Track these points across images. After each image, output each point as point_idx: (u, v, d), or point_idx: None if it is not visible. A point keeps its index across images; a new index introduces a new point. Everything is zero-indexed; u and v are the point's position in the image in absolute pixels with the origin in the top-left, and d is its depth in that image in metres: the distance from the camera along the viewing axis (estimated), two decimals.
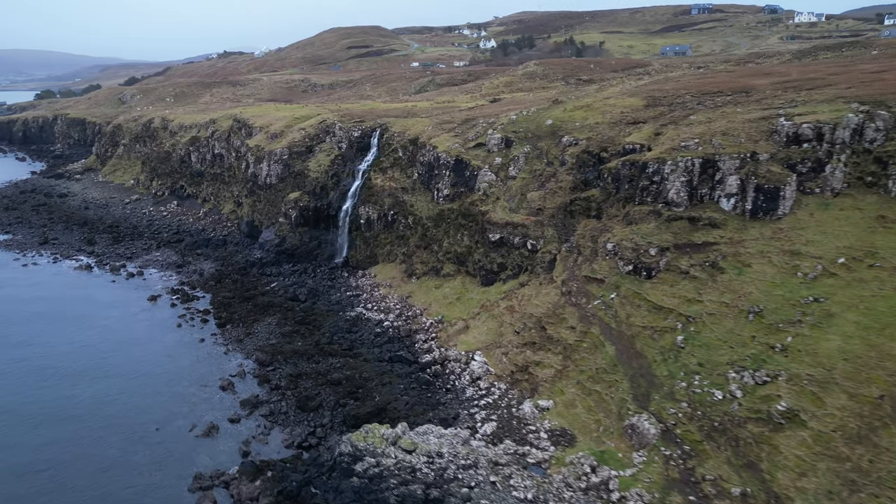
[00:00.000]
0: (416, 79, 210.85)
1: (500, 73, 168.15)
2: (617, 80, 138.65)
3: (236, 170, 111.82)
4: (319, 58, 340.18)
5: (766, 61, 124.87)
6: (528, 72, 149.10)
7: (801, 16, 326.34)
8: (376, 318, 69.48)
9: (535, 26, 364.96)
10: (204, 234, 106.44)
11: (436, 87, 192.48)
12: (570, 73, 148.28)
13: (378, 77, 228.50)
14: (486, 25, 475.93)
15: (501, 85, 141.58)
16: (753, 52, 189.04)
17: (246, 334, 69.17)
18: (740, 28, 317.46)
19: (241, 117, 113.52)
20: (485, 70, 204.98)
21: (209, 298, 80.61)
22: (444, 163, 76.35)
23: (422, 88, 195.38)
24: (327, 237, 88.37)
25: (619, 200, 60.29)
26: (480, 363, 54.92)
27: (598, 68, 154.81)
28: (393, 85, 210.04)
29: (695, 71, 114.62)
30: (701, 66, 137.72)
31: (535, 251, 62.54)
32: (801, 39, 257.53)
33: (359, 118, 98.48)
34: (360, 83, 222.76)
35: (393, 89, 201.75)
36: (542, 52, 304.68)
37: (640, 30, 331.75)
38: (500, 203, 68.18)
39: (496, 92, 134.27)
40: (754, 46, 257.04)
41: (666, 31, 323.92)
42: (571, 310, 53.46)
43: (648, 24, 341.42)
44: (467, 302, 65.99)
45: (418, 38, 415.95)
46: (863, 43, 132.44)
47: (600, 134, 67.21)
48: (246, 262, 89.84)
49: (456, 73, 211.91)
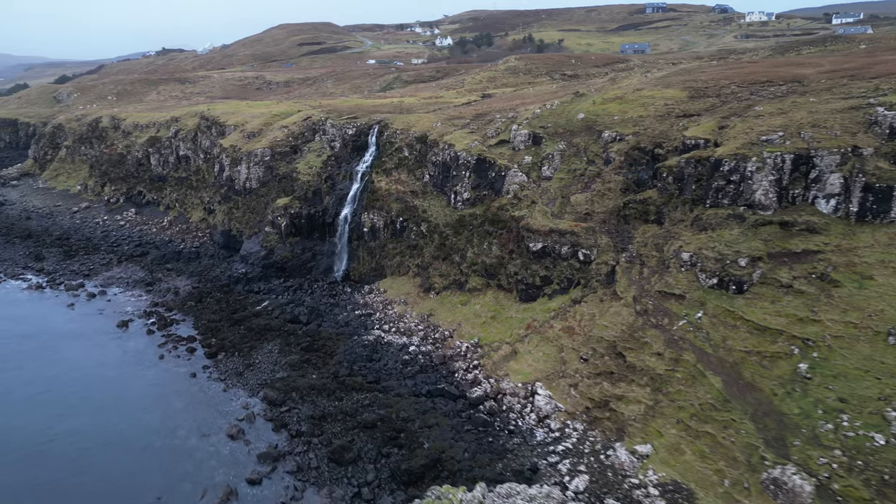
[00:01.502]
0: (380, 75, 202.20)
1: (478, 69, 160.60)
2: (602, 74, 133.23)
3: (206, 173, 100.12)
4: (270, 55, 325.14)
5: (741, 57, 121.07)
6: (510, 66, 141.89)
7: (751, 15, 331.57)
8: (399, 342, 60.26)
9: (491, 24, 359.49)
10: (172, 245, 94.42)
11: (402, 83, 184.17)
12: (553, 68, 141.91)
13: (339, 74, 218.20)
14: (438, 24, 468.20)
15: (485, 80, 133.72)
16: (725, 49, 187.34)
17: (245, 366, 58.88)
18: (695, 27, 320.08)
19: (210, 115, 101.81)
20: (454, 67, 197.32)
21: (191, 322, 69.65)
22: (464, 162, 67.70)
23: (388, 86, 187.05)
24: (323, 248, 78.38)
25: (685, 203, 53.06)
26: (545, 397, 46.60)
27: (580, 63, 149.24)
28: (356, 82, 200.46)
29: (679, 66, 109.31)
30: (679, 62, 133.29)
31: (587, 262, 54.68)
32: (756, 38, 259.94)
33: (348, 114, 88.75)
34: (320, 80, 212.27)
35: (357, 86, 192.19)
36: (500, 49, 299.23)
37: (597, 28, 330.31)
38: (538, 207, 60.05)
39: (481, 87, 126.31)
40: (711, 45, 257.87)
41: (622, 30, 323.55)
42: (654, 332, 45.76)
43: (604, 22, 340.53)
44: (506, 321, 57.60)
45: (370, 35, 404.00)
46: (845, 38, 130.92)
47: (649, 128, 59.93)
48: (229, 278, 78.85)
49: (423, 69, 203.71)
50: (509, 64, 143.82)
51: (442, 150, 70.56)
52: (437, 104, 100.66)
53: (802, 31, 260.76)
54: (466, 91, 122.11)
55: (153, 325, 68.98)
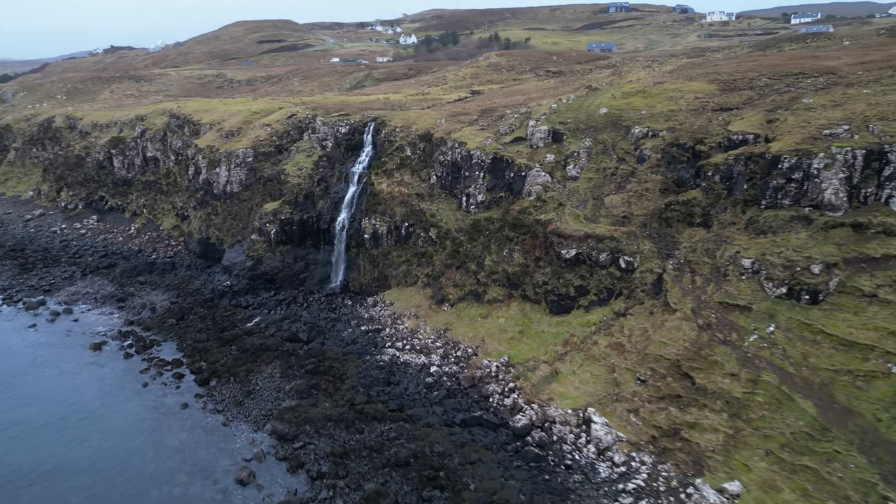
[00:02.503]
0: (349, 73, 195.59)
1: (455, 66, 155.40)
2: (586, 70, 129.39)
3: (178, 176, 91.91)
4: (228, 52, 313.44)
5: (716, 54, 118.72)
6: (492, 63, 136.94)
7: (712, 15, 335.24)
8: (417, 362, 54.17)
9: (455, 23, 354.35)
10: (142, 256, 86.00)
11: (374, 81, 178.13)
12: (536, 64, 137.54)
13: (305, 72, 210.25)
14: (398, 22, 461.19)
15: (468, 76, 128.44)
16: (698, 47, 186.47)
17: (245, 393, 51.97)
18: (658, 26, 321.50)
19: (181, 113, 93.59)
20: (426, 64, 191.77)
21: (174, 343, 62.22)
22: (478, 162, 62.04)
23: (358, 84, 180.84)
24: (317, 257, 71.62)
25: (735, 204, 48.57)
26: (602, 426, 41.31)
27: (562, 60, 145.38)
28: (325, 80, 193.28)
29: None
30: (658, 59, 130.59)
31: (630, 270, 49.66)
32: (719, 37, 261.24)
33: (336, 112, 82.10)
34: (286, 78, 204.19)
35: (326, 84, 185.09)
36: (467, 48, 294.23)
37: (562, 27, 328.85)
38: (568, 210, 54.83)
39: (466, 84, 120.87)
40: (676, 44, 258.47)
41: (587, 29, 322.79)
42: (723, 349, 40.95)
43: (569, 21, 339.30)
44: (537, 336, 52.16)
45: (330, 33, 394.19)
46: (826, 35, 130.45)
47: (684, 123, 55.39)
48: (212, 292, 71.33)
49: (394, 67, 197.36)
50: (491, 60, 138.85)
51: (451, 148, 64.75)
52: (428, 101, 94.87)
53: (763, 31, 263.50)
54: (452, 88, 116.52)
55: (130, 347, 61.29)
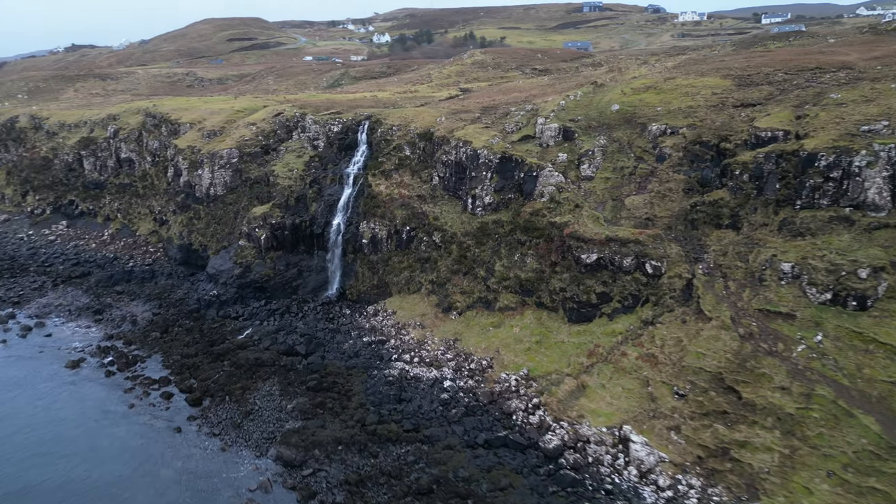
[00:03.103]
0: (325, 72, 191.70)
1: (435, 64, 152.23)
2: (572, 69, 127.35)
3: (155, 178, 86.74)
4: (196, 51, 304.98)
5: (699, 52, 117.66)
6: (477, 60, 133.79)
7: (684, 15, 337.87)
8: (429, 376, 50.57)
9: (429, 21, 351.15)
10: (118, 263, 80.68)
11: (351, 80, 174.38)
12: (522, 62, 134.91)
13: (279, 70, 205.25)
14: (370, 21, 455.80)
15: (453, 74, 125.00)
16: (677, 46, 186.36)
17: (243, 414, 47.83)
18: (632, 26, 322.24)
19: (157, 112, 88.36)
20: (405, 63, 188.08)
21: (160, 359, 57.71)
22: (486, 162, 58.70)
23: (335, 82, 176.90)
24: (311, 263, 67.51)
25: (767, 204, 46.09)
26: (642, 445, 38.31)
27: (547, 58, 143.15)
28: (301, 78, 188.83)
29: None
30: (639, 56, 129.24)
31: (657, 275, 46.80)
32: (692, 37, 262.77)
33: (327, 110, 78.02)
34: (259, 77, 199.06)
35: (302, 83, 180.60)
36: (442, 47, 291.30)
37: (537, 26, 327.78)
38: (586, 212, 51.81)
39: (451, 81, 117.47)
40: (651, 43, 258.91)
41: (562, 28, 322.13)
42: (770, 361, 38.26)
43: (543, 20, 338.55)
44: (557, 347, 49.03)
45: (301, 32, 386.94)
46: (808, 34, 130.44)
47: (705, 120, 52.83)
48: (198, 302, 66.70)
49: (371, 65, 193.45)
50: (476, 58, 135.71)
51: (455, 147, 61.30)
52: (418, 98, 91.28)
53: (736, 31, 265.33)
54: (439, 85, 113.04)
55: (112, 364, 56.59)
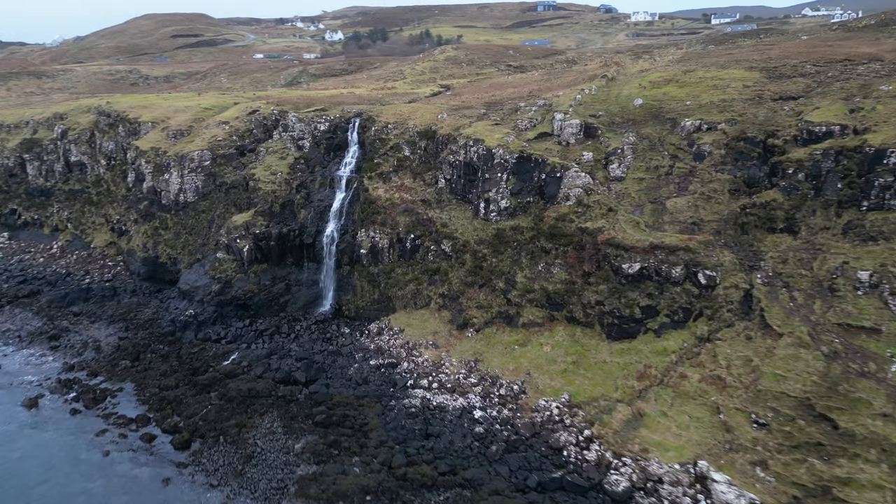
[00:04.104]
0: (283, 69, 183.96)
1: (398, 61, 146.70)
2: (547, 65, 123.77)
3: (111, 183, 77.88)
4: (138, 47, 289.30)
5: (665, 50, 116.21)
6: (450, 56, 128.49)
7: (637, 15, 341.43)
8: (454, 405, 44.69)
9: (382, 19, 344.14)
10: (72, 280, 71.66)
11: (311, 77, 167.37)
12: (496, 59, 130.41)
13: (233, 68, 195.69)
14: (319, 19, 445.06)
15: (427, 70, 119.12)
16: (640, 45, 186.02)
17: (244, 459, 41.00)
18: (586, 25, 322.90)
19: (112, 110, 79.39)
20: (367, 60, 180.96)
21: (133, 392, 50.15)
22: (501, 162, 53.18)
23: (294, 80, 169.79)
24: (300, 276, 60.64)
25: (827, 206, 42.16)
26: (725, 484, 33.48)
27: (520, 55, 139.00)
28: (256, 76, 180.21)
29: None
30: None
31: (710, 286, 42.23)
32: (646, 36, 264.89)
33: (307, 107, 71.12)
34: (211, 74, 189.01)
35: (257, 80, 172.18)
36: (397, 45, 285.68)
37: (492, 24, 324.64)
38: (623, 217, 46.91)
39: (427, 78, 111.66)
40: (607, 42, 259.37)
41: (517, 27, 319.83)
42: (866, 384, 34.02)
43: (498, 19, 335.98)
44: (598, 368, 43.92)
45: (248, 29, 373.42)
46: (777, 30, 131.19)
47: (745, 114, 48.71)
48: (172, 323, 58.89)
49: (331, 63, 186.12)
50: (448, 54, 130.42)
51: (463, 147, 55.57)
52: (399, 95, 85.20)
53: (687, 31, 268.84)
54: (416, 81, 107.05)
55: (77, 400, 48.73)
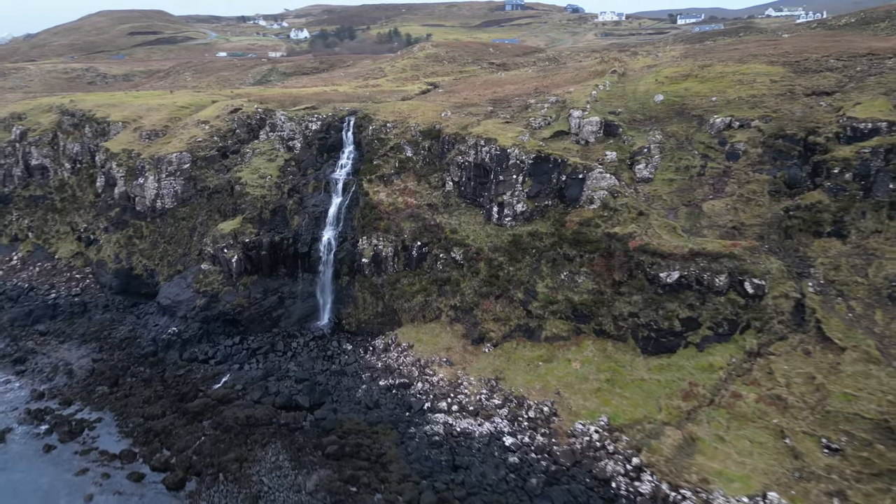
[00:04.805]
0: (251, 67, 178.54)
1: (370, 58, 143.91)
2: (530, 63, 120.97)
3: (77, 189, 71.57)
4: (94, 45, 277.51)
5: (636, 49, 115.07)
6: (430, 54, 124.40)
7: (604, 15, 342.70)
8: (481, 431, 40.60)
9: (348, 18, 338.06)
10: (36, 295, 65.28)
11: (280, 76, 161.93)
12: (477, 56, 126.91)
13: (197, 66, 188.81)
14: (282, 17, 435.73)
15: (409, 67, 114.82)
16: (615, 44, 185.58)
17: (250, 500, 36.20)
18: (555, 25, 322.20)
19: (77, 109, 72.95)
20: (339, 58, 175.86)
21: (113, 421, 45.03)
22: (516, 163, 49.27)
23: (263, 78, 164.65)
24: (294, 288, 55.78)
25: (878, 207, 39.44)
26: None
27: (500, 52, 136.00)
28: (222, 74, 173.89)
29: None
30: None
31: (758, 296, 39.06)
32: (614, 36, 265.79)
33: (293, 105, 66.20)
34: (175, 73, 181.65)
35: (224, 79, 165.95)
36: (365, 43, 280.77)
37: (461, 23, 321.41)
38: (655, 221, 43.50)
39: (410, 75, 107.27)
40: (577, 41, 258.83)
41: (486, 26, 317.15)
42: None
43: (466, 18, 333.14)
44: (636, 387, 40.39)
45: (209, 27, 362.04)
46: (756, 30, 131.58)
47: (779, 110, 45.82)
48: (153, 342, 53.37)
49: (301, 61, 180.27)
50: (428, 51, 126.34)
51: (473, 146, 51.52)
52: (385, 92, 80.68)
53: (655, 31, 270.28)
54: (401, 79, 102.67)
55: (50, 433, 43.36)
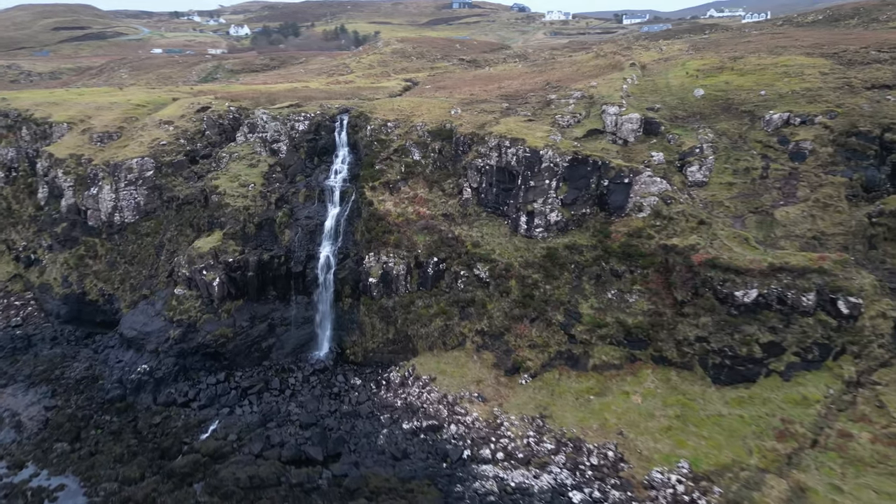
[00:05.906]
0: (194, 64, 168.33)
1: (327, 55, 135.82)
2: (500, 59, 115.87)
3: (12, 200, 61.42)
4: (13, 41, 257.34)
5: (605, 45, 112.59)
6: (396, 49, 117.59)
7: (551, 14, 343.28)
8: (540, 486, 34.25)
9: (291, 14, 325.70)
10: None
11: (227, 73, 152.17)
12: (445, 52, 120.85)
13: (134, 63, 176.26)
14: (217, 14, 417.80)
15: (376, 63, 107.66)
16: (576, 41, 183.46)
17: None
18: (503, 23, 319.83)
19: (10, 108, 62.57)
20: (290, 55, 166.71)
21: (80, 491, 36.42)
22: (549, 166, 43.15)
23: (209, 75, 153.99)
24: (287, 314, 48.02)
25: None
26: None
27: (467, 49, 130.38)
28: (163, 71, 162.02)
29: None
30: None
31: (853, 316, 34.22)
32: (563, 35, 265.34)
33: (272, 104, 58.28)
34: (108, 70, 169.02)
35: (165, 76, 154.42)
36: (312, 39, 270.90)
37: (408, 21, 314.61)
38: (722, 231, 38.21)
39: (380, 72, 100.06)
40: (528, 40, 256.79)
41: (434, 24, 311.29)
42: None
43: (414, 15, 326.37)
44: (714, 424, 34.94)
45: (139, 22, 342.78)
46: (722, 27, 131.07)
47: (844, 105, 41.38)
48: (120, 383, 44.69)
49: (249, 58, 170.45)
50: (394, 47, 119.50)
51: (496, 148, 45.13)
52: (367, 89, 73.61)
53: (602, 30, 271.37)
54: (369, 75, 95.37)
55: None
